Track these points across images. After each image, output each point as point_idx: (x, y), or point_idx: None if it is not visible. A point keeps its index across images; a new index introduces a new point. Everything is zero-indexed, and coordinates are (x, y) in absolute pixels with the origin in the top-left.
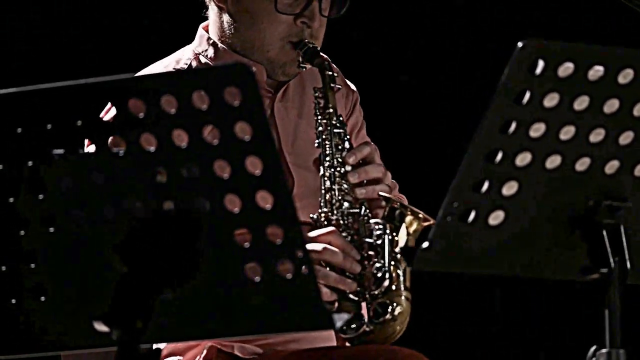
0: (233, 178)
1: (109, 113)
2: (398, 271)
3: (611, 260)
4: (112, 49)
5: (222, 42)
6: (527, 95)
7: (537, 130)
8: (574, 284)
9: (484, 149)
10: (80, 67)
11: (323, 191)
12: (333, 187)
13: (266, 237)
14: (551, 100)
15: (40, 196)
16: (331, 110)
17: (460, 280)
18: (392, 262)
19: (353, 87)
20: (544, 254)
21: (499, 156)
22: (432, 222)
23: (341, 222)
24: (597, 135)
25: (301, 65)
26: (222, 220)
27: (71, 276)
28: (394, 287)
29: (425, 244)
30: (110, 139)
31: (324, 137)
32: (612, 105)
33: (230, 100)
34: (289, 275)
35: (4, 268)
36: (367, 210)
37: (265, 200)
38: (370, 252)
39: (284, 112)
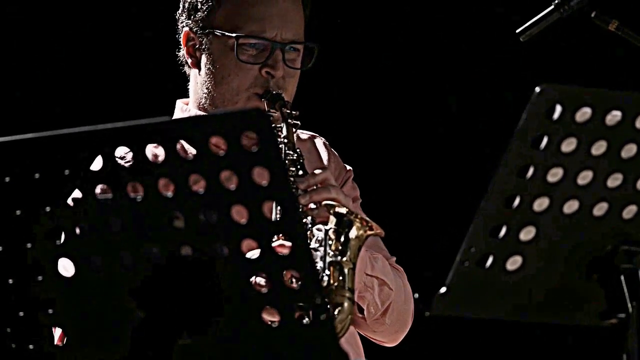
0: (250, 223)
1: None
2: (339, 274)
3: (629, 305)
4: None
5: (197, 107)
6: (545, 140)
7: (555, 175)
8: (592, 329)
9: (501, 193)
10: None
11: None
12: None
13: (284, 283)
14: (569, 145)
15: (58, 242)
16: (285, 141)
17: (474, 322)
18: (332, 265)
19: (348, 167)
20: (561, 299)
21: (517, 201)
22: (376, 231)
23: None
24: (614, 180)
25: (269, 112)
26: (239, 265)
27: (89, 322)
28: (334, 288)
29: (443, 289)
30: (128, 184)
31: None
32: (629, 150)
33: (247, 145)
34: (306, 321)
35: (21, 313)
36: (312, 219)
37: (282, 245)
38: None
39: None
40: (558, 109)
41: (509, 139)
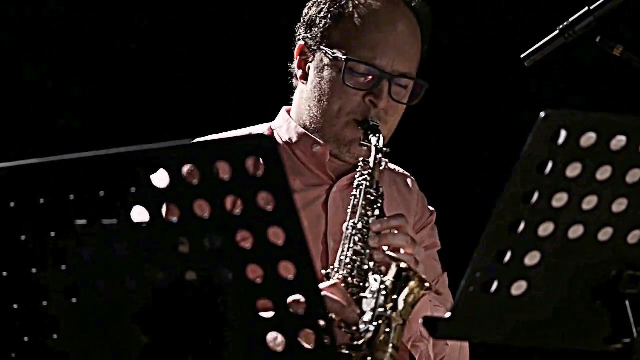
0: (255, 248)
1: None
2: (387, 328)
3: (634, 330)
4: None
5: (298, 122)
6: (550, 165)
7: (560, 200)
8: (596, 354)
9: (506, 219)
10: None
11: (340, 250)
12: (351, 246)
13: (288, 307)
14: (574, 170)
15: (63, 267)
16: (369, 178)
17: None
18: (381, 318)
19: (432, 209)
20: (566, 324)
21: (522, 226)
22: (434, 291)
23: (349, 280)
24: (619, 205)
25: (362, 143)
26: (244, 290)
27: (94, 347)
28: (378, 342)
29: (448, 314)
30: (133, 209)
31: (356, 202)
32: (634, 175)
33: (252, 170)
34: (311, 345)
35: (26, 339)
36: (378, 271)
37: (287, 270)
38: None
39: (340, 201)
40: (563, 134)
41: (514, 164)
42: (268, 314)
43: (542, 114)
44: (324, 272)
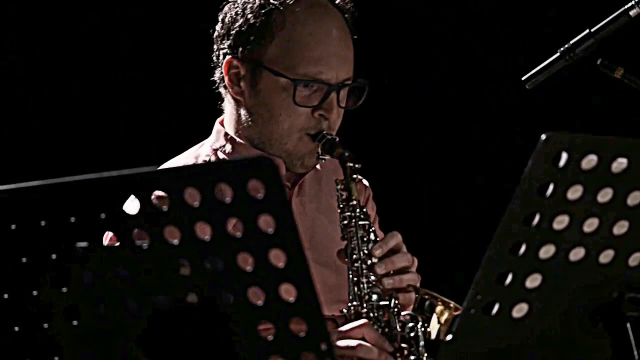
0: (256, 271)
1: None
2: None
3: (635, 352)
4: (127, 144)
5: (239, 136)
6: (551, 187)
7: (561, 222)
8: None
9: (507, 241)
10: (88, 162)
11: (351, 285)
12: (361, 279)
13: (290, 330)
14: (575, 193)
15: (64, 289)
16: (355, 202)
17: None
18: (426, 354)
19: (366, 182)
20: (567, 346)
21: (523, 249)
22: (459, 307)
23: (371, 315)
24: (620, 228)
25: (320, 157)
26: (245, 313)
27: None
28: None
29: (449, 337)
30: (134, 231)
31: (349, 230)
32: (635, 198)
33: (253, 193)
34: None
35: None
36: (397, 302)
37: (288, 293)
38: (403, 345)
39: (300, 207)
40: (564, 156)
41: (515, 187)
42: (269, 337)
43: (543, 136)
44: (344, 310)
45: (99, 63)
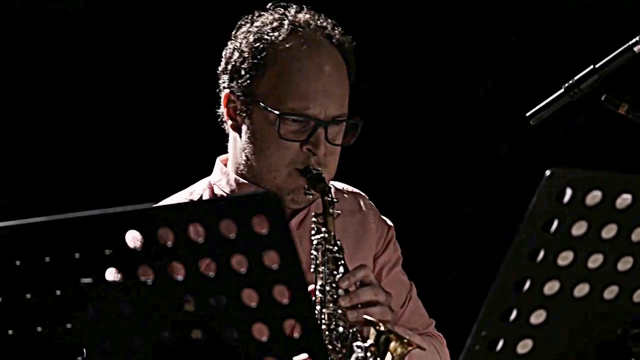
0: (261, 307)
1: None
2: None
3: None
4: (129, 182)
5: (236, 171)
6: (555, 223)
7: (565, 258)
8: None
9: (512, 277)
10: (90, 197)
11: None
12: (323, 311)
13: None
14: (579, 229)
15: (68, 325)
16: (326, 235)
17: None
18: None
19: (389, 222)
20: None
21: (527, 285)
22: (414, 347)
23: (329, 346)
24: (625, 264)
25: (307, 192)
26: (249, 348)
27: None
28: None
29: None
30: (138, 268)
31: (318, 262)
32: None
33: (257, 229)
34: None
35: None
36: (356, 333)
37: (292, 328)
38: None
39: (297, 241)
40: (568, 192)
41: (520, 223)
42: None
43: (548, 172)
44: None
45: (105, 95)
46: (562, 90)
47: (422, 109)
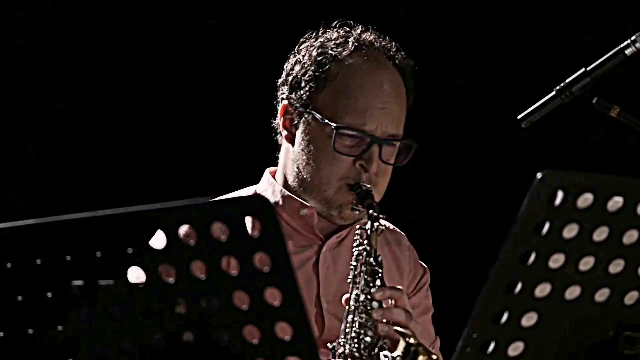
0: (252, 309)
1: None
2: None
3: None
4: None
5: (285, 183)
6: (547, 226)
7: (557, 261)
8: None
9: (503, 280)
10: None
11: (345, 323)
12: (355, 319)
13: None
14: (571, 232)
15: (60, 328)
16: (368, 248)
17: None
18: None
19: (425, 266)
20: None
21: (519, 287)
22: None
23: (356, 354)
24: (616, 267)
25: (354, 207)
26: (241, 351)
27: None
28: None
29: None
30: (129, 270)
31: (356, 272)
32: (631, 237)
33: (249, 231)
34: None
35: None
36: (385, 345)
37: (284, 331)
38: None
39: (330, 261)
40: (560, 195)
41: (511, 226)
42: None
43: (539, 175)
44: (330, 346)
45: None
46: (553, 93)
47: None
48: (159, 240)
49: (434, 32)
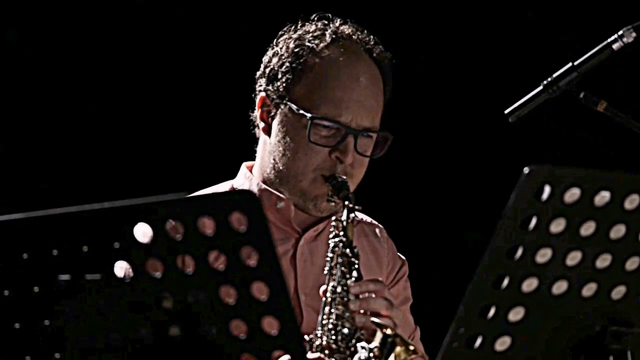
0: (239, 303)
1: None
2: None
3: None
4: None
5: (262, 175)
6: (534, 220)
7: (544, 255)
8: None
9: (490, 275)
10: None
11: (322, 314)
12: (332, 310)
13: None
14: (557, 226)
15: (46, 322)
16: (345, 239)
17: None
18: None
19: (403, 257)
20: None
21: (506, 282)
22: (419, 354)
23: (333, 346)
24: (603, 261)
25: (330, 199)
26: (228, 345)
27: None
28: None
29: None
30: (116, 265)
31: (332, 263)
32: (618, 231)
33: (236, 225)
34: None
35: None
36: (362, 336)
37: (271, 325)
38: None
39: (308, 253)
40: (547, 189)
41: (498, 220)
42: None
43: (526, 170)
44: (307, 337)
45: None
46: (540, 87)
47: (399, 110)
48: (144, 235)
49: (420, 25)
